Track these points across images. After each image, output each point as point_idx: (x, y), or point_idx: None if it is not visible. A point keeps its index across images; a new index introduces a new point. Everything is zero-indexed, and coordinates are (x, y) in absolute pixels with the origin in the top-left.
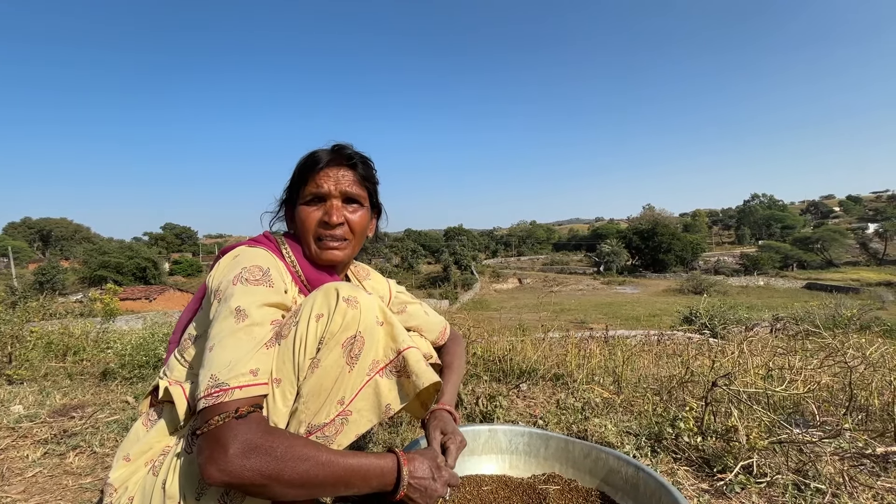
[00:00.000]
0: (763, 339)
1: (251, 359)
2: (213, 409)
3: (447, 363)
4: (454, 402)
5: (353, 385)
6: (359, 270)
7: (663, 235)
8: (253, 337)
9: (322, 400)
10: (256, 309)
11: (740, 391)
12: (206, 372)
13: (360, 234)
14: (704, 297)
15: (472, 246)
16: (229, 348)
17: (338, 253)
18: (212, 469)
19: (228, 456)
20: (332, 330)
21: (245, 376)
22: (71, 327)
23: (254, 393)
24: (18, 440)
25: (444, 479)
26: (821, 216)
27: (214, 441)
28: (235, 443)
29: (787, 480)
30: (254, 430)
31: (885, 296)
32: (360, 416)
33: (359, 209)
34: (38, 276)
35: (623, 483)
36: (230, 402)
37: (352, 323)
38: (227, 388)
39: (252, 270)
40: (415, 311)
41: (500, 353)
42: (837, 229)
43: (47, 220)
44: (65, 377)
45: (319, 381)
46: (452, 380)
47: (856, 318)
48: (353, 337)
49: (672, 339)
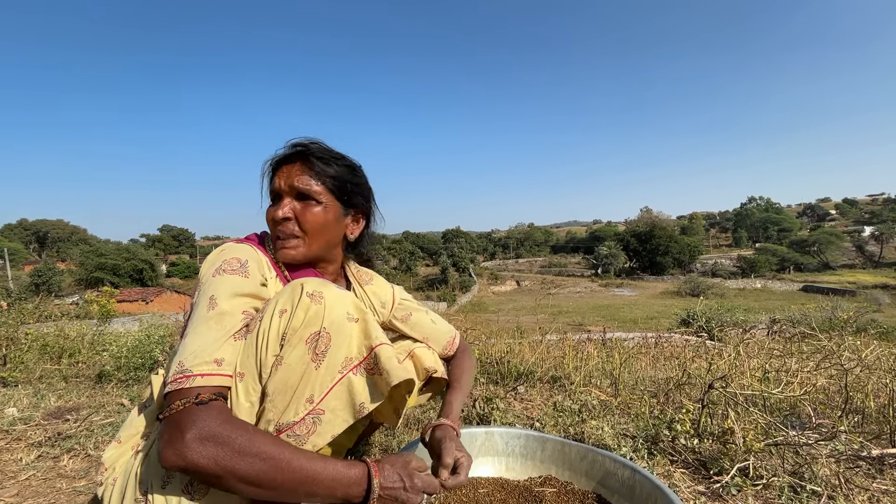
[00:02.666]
0: (760, 342)
1: (217, 348)
2: (175, 394)
3: (455, 378)
4: (459, 420)
5: (321, 382)
6: (361, 274)
7: (661, 238)
8: (222, 326)
9: (288, 397)
10: (226, 299)
11: (737, 393)
12: (176, 359)
13: (314, 232)
14: (701, 299)
15: (470, 248)
16: (199, 336)
17: (290, 251)
18: (168, 452)
19: (185, 440)
20: (294, 326)
21: (209, 365)
22: (66, 329)
23: (215, 383)
24: (12, 443)
25: (418, 487)
26: (817, 219)
27: (174, 425)
28: (193, 428)
29: (783, 482)
30: (214, 417)
31: (881, 298)
32: (335, 415)
33: (313, 205)
34: (34, 278)
35: (619, 485)
36: (191, 389)
37: (315, 319)
38: (190, 374)
39: (231, 262)
40: (420, 320)
41: (498, 356)
42: (834, 232)
43: (44, 222)
44: (60, 379)
45: (285, 378)
46: (458, 397)
47: (852, 320)
48: (317, 333)
49: (669, 341)
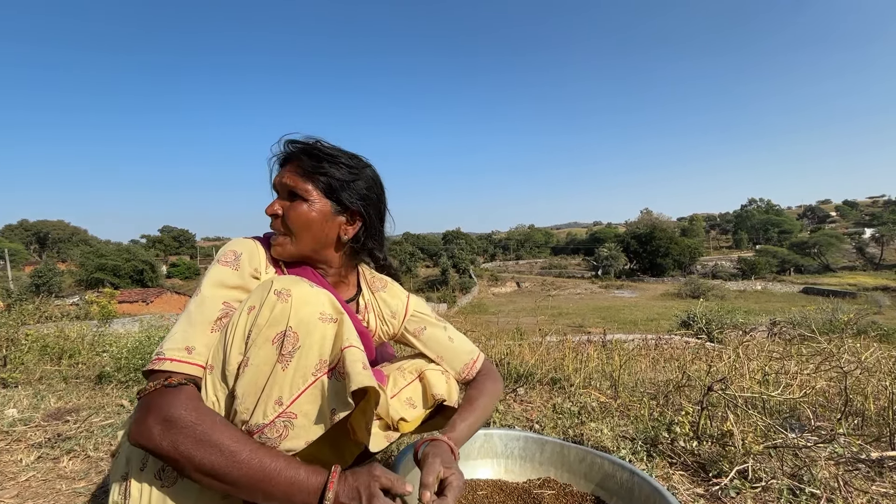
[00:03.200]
0: (760, 344)
1: (189, 336)
2: (150, 375)
3: (469, 396)
4: (462, 441)
5: (290, 384)
6: (375, 280)
7: (661, 240)
8: (202, 313)
9: (255, 398)
10: (210, 287)
11: (736, 396)
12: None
13: (299, 230)
14: (702, 301)
15: (471, 249)
16: (180, 323)
17: (278, 248)
18: (134, 430)
19: (148, 421)
20: (259, 324)
21: (180, 351)
22: (66, 330)
23: (182, 370)
24: (12, 444)
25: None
26: (817, 221)
27: (144, 405)
28: (160, 410)
29: (782, 485)
30: (182, 401)
31: (882, 300)
32: (308, 419)
33: (299, 203)
34: (35, 279)
35: (618, 488)
36: (161, 372)
37: (280, 317)
38: (163, 357)
39: (227, 254)
40: (435, 335)
41: (498, 357)
42: (834, 234)
43: (44, 223)
44: (60, 380)
45: (253, 379)
46: (466, 418)
47: (852, 322)
48: (282, 333)
49: (669, 343)
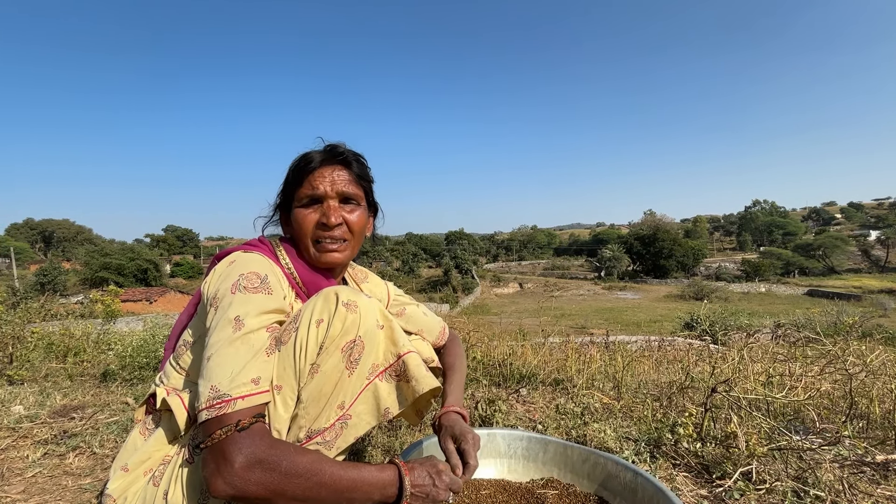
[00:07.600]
0: (764, 346)
1: (252, 367)
2: (215, 421)
3: (449, 364)
4: (461, 401)
5: (352, 389)
6: (356, 273)
7: (664, 241)
8: (251, 346)
9: (322, 405)
10: (254, 318)
11: (740, 397)
12: (205, 383)
13: (358, 234)
14: (705, 303)
15: (473, 250)
16: (229, 357)
17: (337, 255)
18: (218, 482)
19: (234, 469)
20: (332, 335)
21: (247, 385)
22: (72, 328)
23: (256, 402)
24: (19, 440)
25: (446, 483)
26: (822, 223)
27: (220, 454)
28: (240, 456)
29: (786, 487)
30: (258, 442)
31: (887, 303)
32: (360, 419)
33: (356, 208)
34: (40, 277)
35: (621, 488)
36: (232, 414)
37: (351, 328)
38: (229, 398)
39: (250, 278)
40: (414, 313)
41: (500, 358)
42: (839, 236)
43: (50, 222)
44: (65, 378)
45: (319, 386)
46: (456, 380)
47: (857, 325)
48: (352, 341)
49: (673, 344)
